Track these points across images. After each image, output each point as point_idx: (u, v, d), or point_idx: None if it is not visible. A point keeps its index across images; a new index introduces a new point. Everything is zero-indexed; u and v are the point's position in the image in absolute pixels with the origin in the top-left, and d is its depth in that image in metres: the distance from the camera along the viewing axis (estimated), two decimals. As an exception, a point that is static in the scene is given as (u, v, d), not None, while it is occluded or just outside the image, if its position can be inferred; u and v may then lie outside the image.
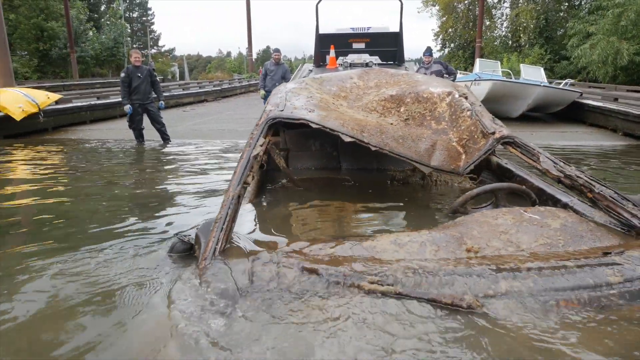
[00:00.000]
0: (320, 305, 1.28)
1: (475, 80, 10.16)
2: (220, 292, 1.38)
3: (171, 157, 6.14)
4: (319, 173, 3.26)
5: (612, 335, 1.22)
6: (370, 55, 9.52)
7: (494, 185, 2.03)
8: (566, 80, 11.37)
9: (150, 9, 49.32)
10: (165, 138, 7.18)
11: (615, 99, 9.41)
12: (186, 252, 1.75)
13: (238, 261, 1.50)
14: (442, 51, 31.15)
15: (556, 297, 1.30)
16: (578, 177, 1.77)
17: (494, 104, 10.16)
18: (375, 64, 9.31)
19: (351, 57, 9.35)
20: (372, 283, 1.32)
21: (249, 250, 1.61)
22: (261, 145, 1.95)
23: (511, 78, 10.76)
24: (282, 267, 1.43)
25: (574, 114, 10.08)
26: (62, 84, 20.11)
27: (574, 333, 1.21)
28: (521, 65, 12.39)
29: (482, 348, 1.16)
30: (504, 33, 27.27)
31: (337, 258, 1.49)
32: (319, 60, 9.66)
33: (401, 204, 2.62)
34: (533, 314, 1.26)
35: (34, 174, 5.05)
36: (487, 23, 27.81)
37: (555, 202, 2.09)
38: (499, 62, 12.23)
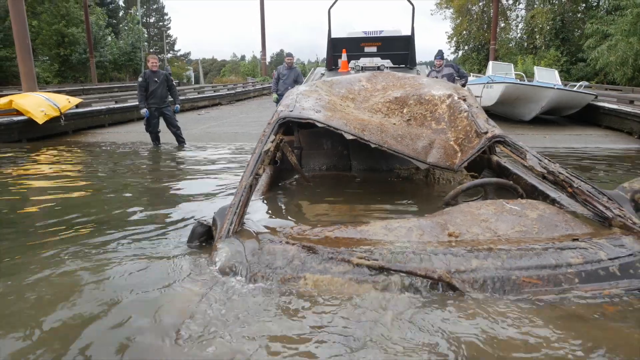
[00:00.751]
0: (322, 276, 1.52)
1: (487, 83, 10.12)
2: (233, 264, 1.60)
3: (186, 159, 6.31)
4: (330, 171, 3.41)
5: (562, 308, 1.35)
6: (382, 58, 9.58)
7: (482, 180, 2.19)
8: (581, 83, 11.21)
9: (166, 14, 50.39)
10: (181, 141, 7.37)
11: (631, 102, 9.27)
12: (204, 235, 1.95)
13: (249, 240, 1.71)
14: (456, 53, 30.98)
15: (519, 274, 1.45)
16: (560, 173, 1.90)
17: (507, 107, 10.12)
18: (386, 67, 9.38)
19: (363, 61, 9.42)
20: (360, 258, 1.50)
21: (258, 232, 1.82)
22: (272, 142, 2.18)
23: (524, 80, 10.68)
24: (285, 244, 1.64)
25: (589, 116, 9.95)
26: (82, 88, 20.69)
27: (528, 306, 1.35)
28: (535, 67, 12.27)
29: (447, 313, 1.33)
30: (519, 35, 27.01)
31: (333, 239, 1.69)
32: (331, 64, 9.76)
33: (404, 199, 2.75)
34: (495, 287, 1.41)
35: (56, 173, 5.27)
36: (502, 25, 27.55)
37: (545, 197, 2.21)
38: (512, 65, 12.14)
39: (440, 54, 8.07)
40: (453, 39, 30.24)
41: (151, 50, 41.49)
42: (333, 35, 9.60)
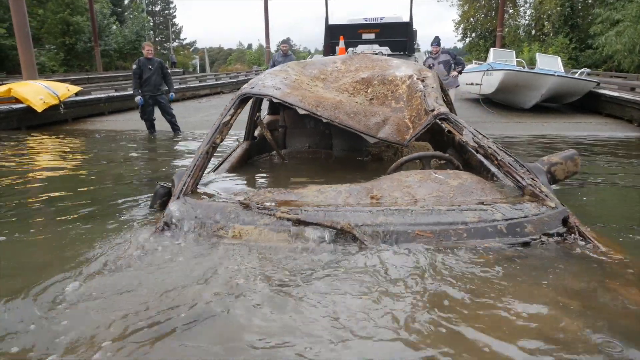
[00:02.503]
0: (248, 227, 1.80)
1: (487, 70, 9.99)
2: (178, 218, 1.86)
3: (177, 146, 6.37)
4: (313, 149, 3.56)
5: (446, 257, 1.58)
6: (380, 45, 9.51)
7: (420, 154, 2.35)
8: (582, 70, 11.01)
9: (172, 2, 50.05)
10: (176, 129, 7.42)
11: (632, 89, 9.11)
12: (165, 196, 2.17)
13: (198, 200, 1.96)
14: (463, 41, 30.51)
15: (415, 229, 1.66)
16: (489, 147, 2.03)
17: (506, 94, 10.00)
18: (384, 54, 9.30)
19: (361, 48, 9.36)
20: (282, 212, 1.75)
21: (210, 194, 2.08)
22: (231, 115, 2.34)
23: (524, 68, 10.52)
24: (227, 203, 1.89)
25: (590, 104, 9.81)
26: (87, 76, 20.80)
27: (415, 254, 1.59)
28: (537, 54, 12.05)
29: (345, 260, 1.57)
30: (527, 22, 26.49)
31: (271, 199, 1.93)
32: (329, 51, 9.72)
33: (371, 176, 2.81)
34: (392, 239, 1.64)
35: (53, 160, 5.36)
36: (510, 11, 27.04)
37: (488, 171, 2.42)
38: (513, 52, 11.92)
39: (436, 41, 7.98)
40: (460, 26, 29.77)
41: (156, 39, 41.49)
42: (331, 22, 9.52)
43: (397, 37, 9.37)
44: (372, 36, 9.52)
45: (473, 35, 29.71)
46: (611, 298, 1.35)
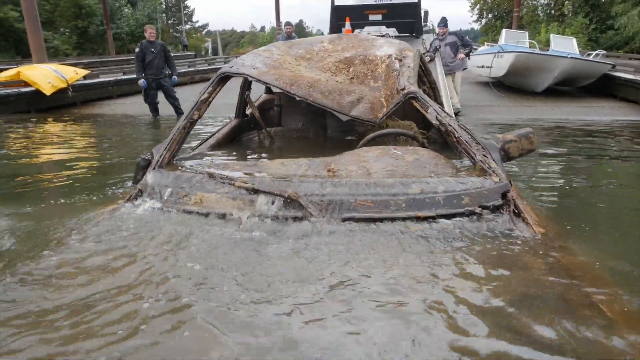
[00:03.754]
0: (209, 194, 1.93)
1: (498, 52, 9.70)
2: (151, 186, 2.01)
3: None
4: (303, 128, 3.61)
5: (367, 226, 1.67)
6: (388, 27, 9.31)
7: (385, 131, 2.42)
8: (597, 51, 10.59)
9: (184, -16, 49.60)
10: (179, 112, 7.45)
11: (651, 71, 8.77)
12: (147, 167, 2.28)
13: (173, 172, 2.10)
14: (479, 22, 29.67)
15: (357, 198, 1.75)
16: (449, 125, 2.10)
17: (518, 77, 9.72)
18: (391, 36, 9.11)
19: (367, 30, 9.19)
20: (241, 182, 1.87)
21: (184, 166, 2.19)
22: (209, 93, 2.41)
23: (536, 49, 10.18)
24: (196, 173, 2.02)
25: (605, 87, 9.48)
26: (100, 60, 20.90)
27: (352, 224, 1.68)
28: (551, 35, 11.63)
29: (282, 223, 1.72)
30: (546, 1, 25.53)
31: (235, 170, 2.05)
32: (335, 32, 9.56)
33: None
34: (334, 207, 1.72)
35: (57, 142, 5.46)
36: (529, -10, 26.12)
37: (456, 148, 2.48)
38: (526, 33, 11.49)
39: (443, 21, 7.76)
40: (476, 7, 28.91)
41: (169, 22, 41.33)
42: (336, 3, 9.34)
43: (405, 18, 9.15)
44: (379, 17, 9.32)
45: (489, 16, 28.87)
46: (505, 269, 1.39)
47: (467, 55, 7.79)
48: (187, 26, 48.62)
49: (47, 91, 8.43)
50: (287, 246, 1.57)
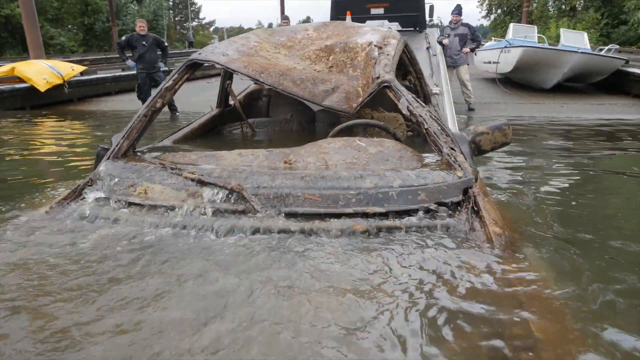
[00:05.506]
0: (155, 185, 1.89)
1: (505, 47, 9.36)
2: (103, 174, 1.96)
3: (172, 127, 6.22)
4: (285, 120, 3.51)
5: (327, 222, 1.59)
6: (390, 21, 9.02)
7: (353, 122, 2.29)
8: (610, 46, 10.18)
9: (191, -20, 49.56)
10: (173, 108, 7.27)
11: (666, 67, 8.37)
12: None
13: (129, 162, 2.03)
14: (488, 17, 29.15)
15: (304, 192, 1.66)
16: (420, 115, 1.99)
17: (526, 73, 9.37)
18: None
19: (369, 24, 8.90)
20: (188, 173, 1.82)
21: (143, 157, 2.12)
22: (174, 81, 2.31)
23: (545, 44, 9.81)
24: (149, 163, 1.97)
25: (618, 84, 9.10)
26: (105, 56, 20.88)
27: (294, 218, 1.62)
28: (561, 29, 11.23)
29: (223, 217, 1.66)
30: (557, -4, 24.91)
31: (194, 161, 1.99)
32: (336, 27, 9.30)
33: None
34: (279, 201, 1.66)
35: (47, 140, 5.30)
36: (539, -15, 25.53)
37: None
38: (535, 28, 11.10)
39: (457, 9, 7.37)
40: (484, 2, 28.39)
41: (175, 19, 41.33)
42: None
43: (408, 12, 8.85)
44: (381, 11, 9.04)
45: (499, 11, 28.33)
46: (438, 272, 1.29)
47: (473, 50, 7.48)
48: (194, 23, 48.65)
49: (42, 87, 8.29)
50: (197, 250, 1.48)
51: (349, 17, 8.78)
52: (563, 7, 23.69)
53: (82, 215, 1.78)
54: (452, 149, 1.85)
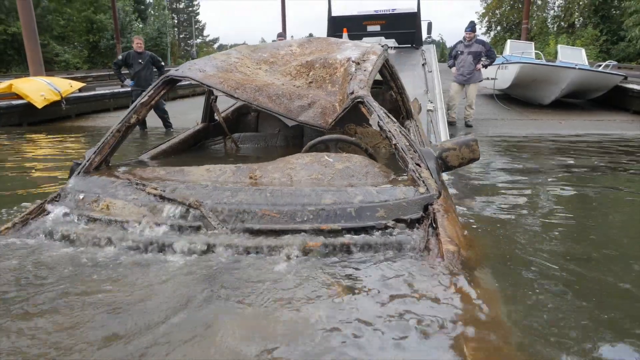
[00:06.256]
0: (117, 200, 1.88)
1: (502, 63, 9.36)
2: (70, 189, 1.96)
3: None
4: (273, 135, 3.51)
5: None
6: (387, 37, 9.05)
7: (326, 137, 2.29)
8: (607, 62, 10.16)
9: (195, -1, 50.53)
10: (168, 125, 7.25)
11: (665, 83, 8.32)
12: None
13: (100, 176, 2.02)
14: (488, 34, 29.40)
15: (262, 208, 1.64)
16: (389, 131, 1.97)
17: (523, 89, 9.35)
18: (390, 47, 8.85)
19: (365, 41, 8.94)
20: (151, 189, 1.80)
21: (114, 172, 2.09)
22: (150, 97, 2.30)
23: (542, 60, 9.80)
24: (117, 178, 1.96)
25: (616, 100, 9.05)
26: (108, 73, 21.12)
27: (250, 235, 1.59)
28: (558, 46, 11.25)
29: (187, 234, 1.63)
30: (556, 13, 25.14)
31: (162, 176, 1.98)
32: (333, 44, 9.34)
33: None
34: (237, 217, 1.63)
35: (36, 155, 5.26)
36: (539, 2, 25.81)
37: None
38: (532, 44, 11.13)
39: (470, 26, 7.18)
40: (484, 19, 28.68)
41: (179, 36, 41.94)
42: (334, 14, 9.13)
43: (404, 29, 8.88)
44: (377, 28, 9.08)
45: (498, 28, 28.59)
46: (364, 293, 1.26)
47: (486, 67, 7.35)
48: (198, 40, 49.35)
49: (39, 104, 8.31)
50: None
51: (345, 35, 8.82)
52: (562, 23, 23.87)
53: (44, 230, 1.76)
54: (418, 164, 1.83)
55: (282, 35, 7.68)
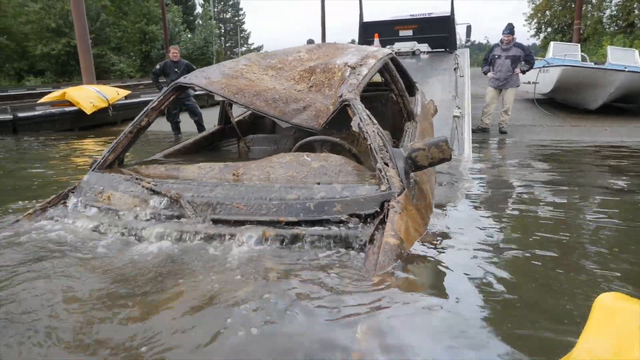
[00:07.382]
0: (117, 193, 2.13)
1: (543, 67, 8.90)
2: (84, 183, 2.22)
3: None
4: (288, 137, 3.63)
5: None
6: (419, 42, 8.92)
7: (312, 138, 2.44)
8: (663, 64, 9.37)
9: (241, 9, 52.34)
10: (201, 130, 7.53)
11: None
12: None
13: (110, 173, 2.26)
14: (537, 36, 28.06)
15: (234, 201, 1.83)
16: (367, 132, 2.06)
17: (567, 93, 8.84)
18: (422, 52, 8.71)
19: (397, 46, 8.87)
20: (145, 183, 2.03)
21: (123, 169, 2.31)
22: (159, 102, 2.49)
23: (587, 62, 9.21)
24: (122, 174, 2.19)
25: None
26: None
27: (221, 226, 1.80)
28: (608, 47, 10.52)
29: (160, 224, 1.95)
30: (613, 12, 23.54)
31: (161, 173, 2.21)
32: (365, 50, 9.33)
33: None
34: (210, 208, 1.85)
35: (82, 155, 5.70)
36: (594, 1, 24.32)
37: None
38: (578, 46, 10.47)
39: (508, 28, 6.87)
40: (533, 20, 27.40)
41: (226, 45, 43.44)
42: (366, 20, 9.13)
43: (437, 33, 8.70)
44: (409, 33, 8.97)
45: (549, 29, 27.20)
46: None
47: (524, 72, 7.03)
48: (243, 48, 50.93)
49: (88, 110, 8.96)
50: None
51: (377, 40, 8.79)
52: (619, 22, 22.31)
53: (60, 215, 2.06)
54: (386, 164, 1.93)
55: (311, 42, 7.77)
